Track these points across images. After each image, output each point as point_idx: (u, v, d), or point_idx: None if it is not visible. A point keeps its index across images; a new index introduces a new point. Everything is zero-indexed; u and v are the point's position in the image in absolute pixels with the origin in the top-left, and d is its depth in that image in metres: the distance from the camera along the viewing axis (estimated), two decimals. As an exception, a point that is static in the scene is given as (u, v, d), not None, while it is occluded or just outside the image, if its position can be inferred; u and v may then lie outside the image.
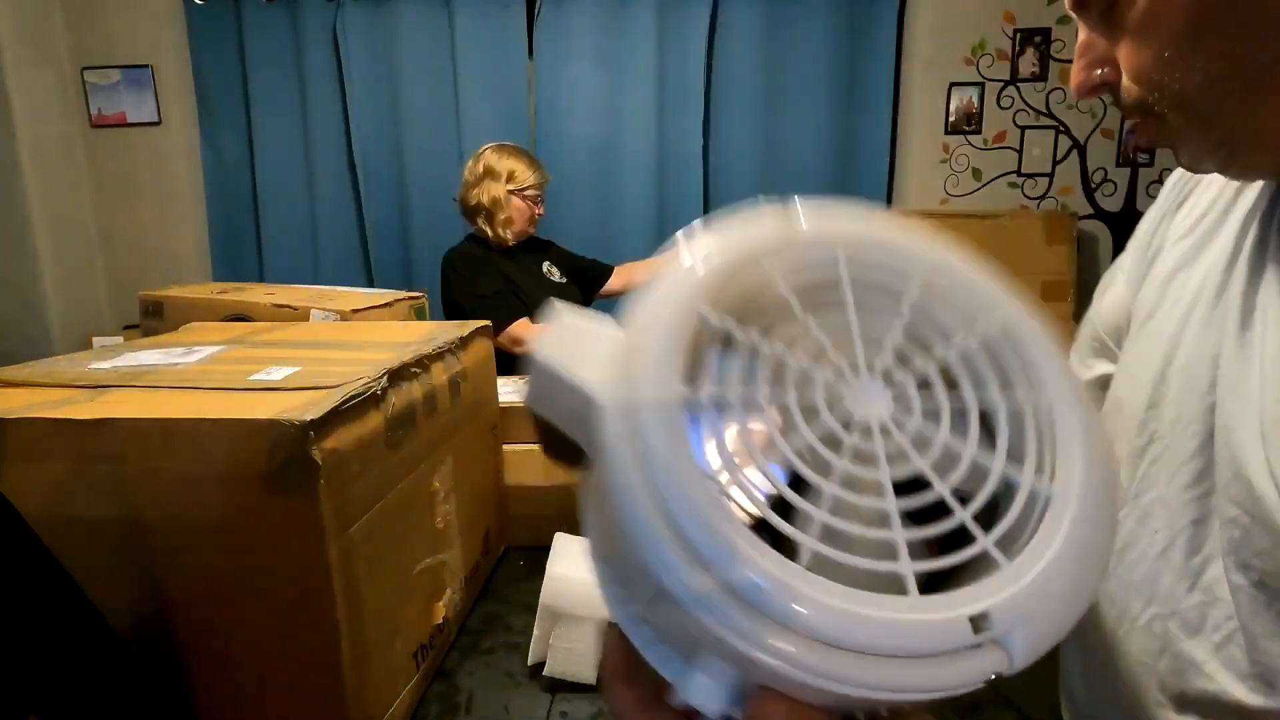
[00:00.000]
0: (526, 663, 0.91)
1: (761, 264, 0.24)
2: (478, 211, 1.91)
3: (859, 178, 2.66)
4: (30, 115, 2.39)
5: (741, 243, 0.25)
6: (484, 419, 1.08)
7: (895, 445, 0.22)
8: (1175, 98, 0.38)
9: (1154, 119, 0.40)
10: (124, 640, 0.61)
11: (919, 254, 0.26)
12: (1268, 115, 0.37)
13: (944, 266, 0.26)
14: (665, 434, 0.20)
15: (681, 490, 0.20)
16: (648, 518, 0.20)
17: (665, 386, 0.21)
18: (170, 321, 1.24)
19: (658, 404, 0.21)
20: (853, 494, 0.21)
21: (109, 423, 0.62)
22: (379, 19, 2.54)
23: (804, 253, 0.25)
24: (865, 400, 0.23)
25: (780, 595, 0.19)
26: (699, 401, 0.21)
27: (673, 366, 0.22)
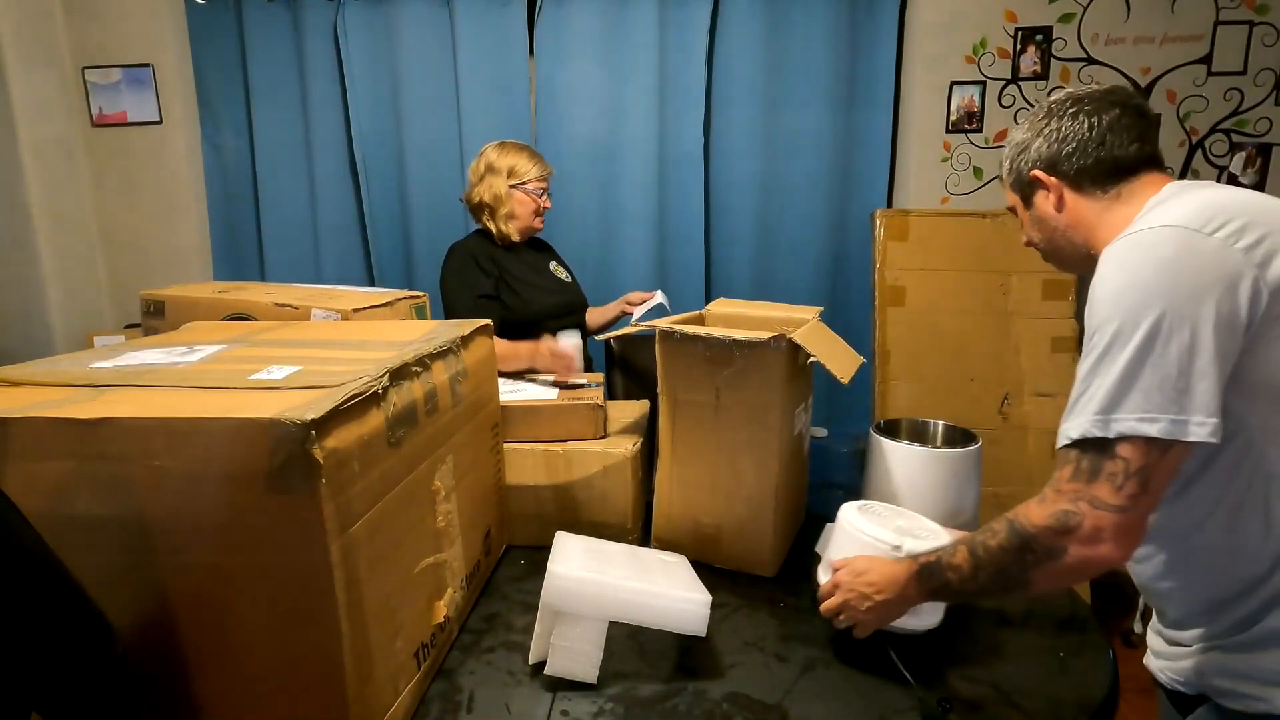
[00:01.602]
0: (527, 662, 0.91)
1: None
2: (482, 209, 1.91)
3: (859, 177, 2.66)
4: (31, 115, 2.39)
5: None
6: (485, 418, 1.08)
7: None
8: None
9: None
10: (125, 639, 0.61)
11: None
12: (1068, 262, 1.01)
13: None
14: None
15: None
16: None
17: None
18: (171, 321, 1.24)
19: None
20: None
21: (110, 422, 0.62)
22: (380, 17, 2.54)
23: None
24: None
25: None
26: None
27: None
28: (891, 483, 1.18)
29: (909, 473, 1.17)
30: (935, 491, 1.16)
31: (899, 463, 1.18)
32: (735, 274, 2.70)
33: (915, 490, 1.16)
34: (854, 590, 0.89)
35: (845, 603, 0.90)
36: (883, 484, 1.19)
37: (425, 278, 2.62)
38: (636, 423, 1.30)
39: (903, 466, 1.18)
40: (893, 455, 1.19)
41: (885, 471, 1.19)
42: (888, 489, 1.18)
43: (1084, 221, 0.89)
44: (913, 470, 1.17)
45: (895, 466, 1.18)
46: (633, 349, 2.15)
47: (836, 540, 1.00)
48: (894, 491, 1.17)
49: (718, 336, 1.08)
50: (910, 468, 1.17)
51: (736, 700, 0.84)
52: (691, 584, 0.94)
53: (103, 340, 2.45)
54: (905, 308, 2.48)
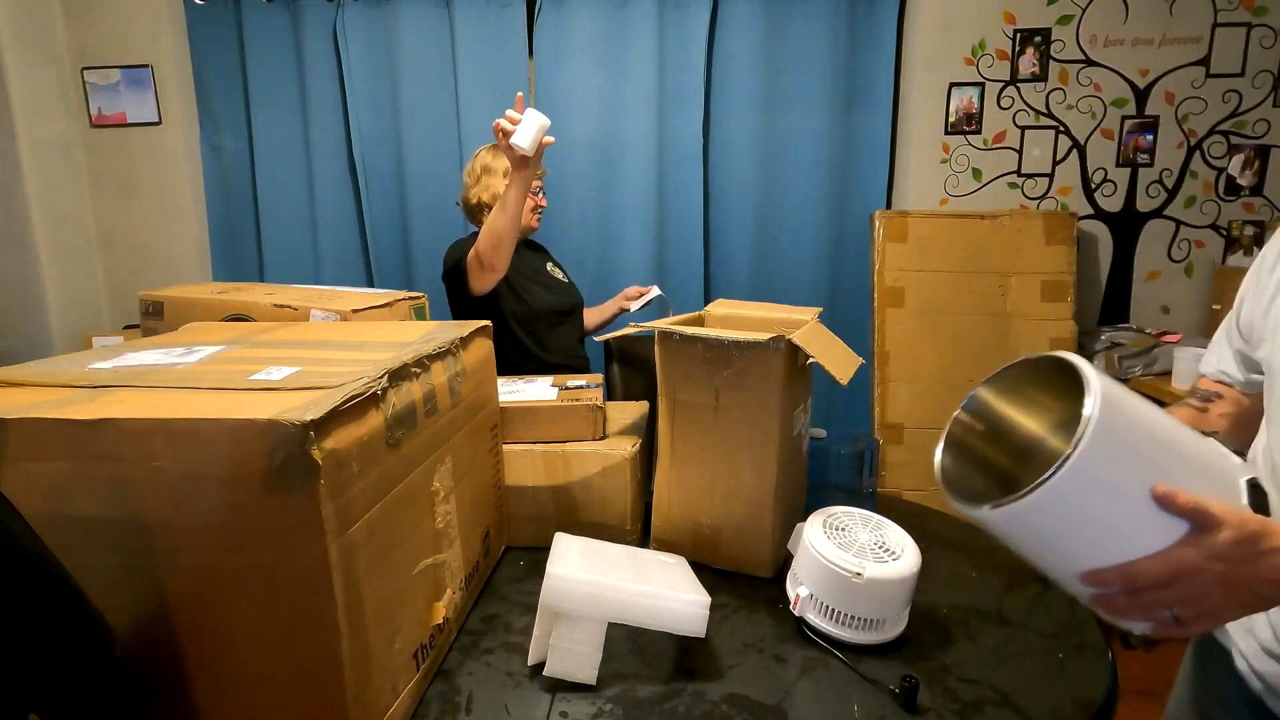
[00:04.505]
0: (526, 663, 0.91)
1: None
2: (480, 210, 1.91)
3: (859, 178, 2.67)
4: (30, 115, 2.39)
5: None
6: (484, 419, 1.08)
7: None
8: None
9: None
10: (124, 640, 0.61)
11: None
12: None
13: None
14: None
15: None
16: None
17: None
18: (170, 321, 1.24)
19: None
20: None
21: (109, 423, 0.62)
22: (379, 19, 2.54)
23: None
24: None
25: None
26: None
27: None
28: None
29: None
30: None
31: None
32: (735, 275, 2.70)
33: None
34: (1225, 576, 0.57)
35: (1195, 591, 0.57)
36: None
37: (424, 278, 2.62)
38: (635, 424, 1.30)
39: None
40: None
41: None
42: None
43: None
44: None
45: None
46: (631, 342, 2.15)
47: (801, 560, 0.98)
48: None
49: (717, 337, 1.08)
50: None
51: (736, 701, 0.84)
52: (691, 585, 0.94)
53: (101, 341, 2.45)
54: (904, 309, 2.48)
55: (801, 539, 0.98)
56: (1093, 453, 0.56)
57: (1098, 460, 0.56)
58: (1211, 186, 2.60)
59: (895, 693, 0.83)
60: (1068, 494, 0.57)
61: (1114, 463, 0.57)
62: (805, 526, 0.99)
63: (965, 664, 0.91)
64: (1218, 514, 0.57)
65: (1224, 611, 0.59)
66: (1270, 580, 0.58)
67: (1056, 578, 0.63)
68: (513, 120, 1.56)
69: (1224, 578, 0.57)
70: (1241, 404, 0.88)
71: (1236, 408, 0.89)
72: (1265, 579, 0.58)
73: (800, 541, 0.98)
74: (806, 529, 0.98)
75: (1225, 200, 2.60)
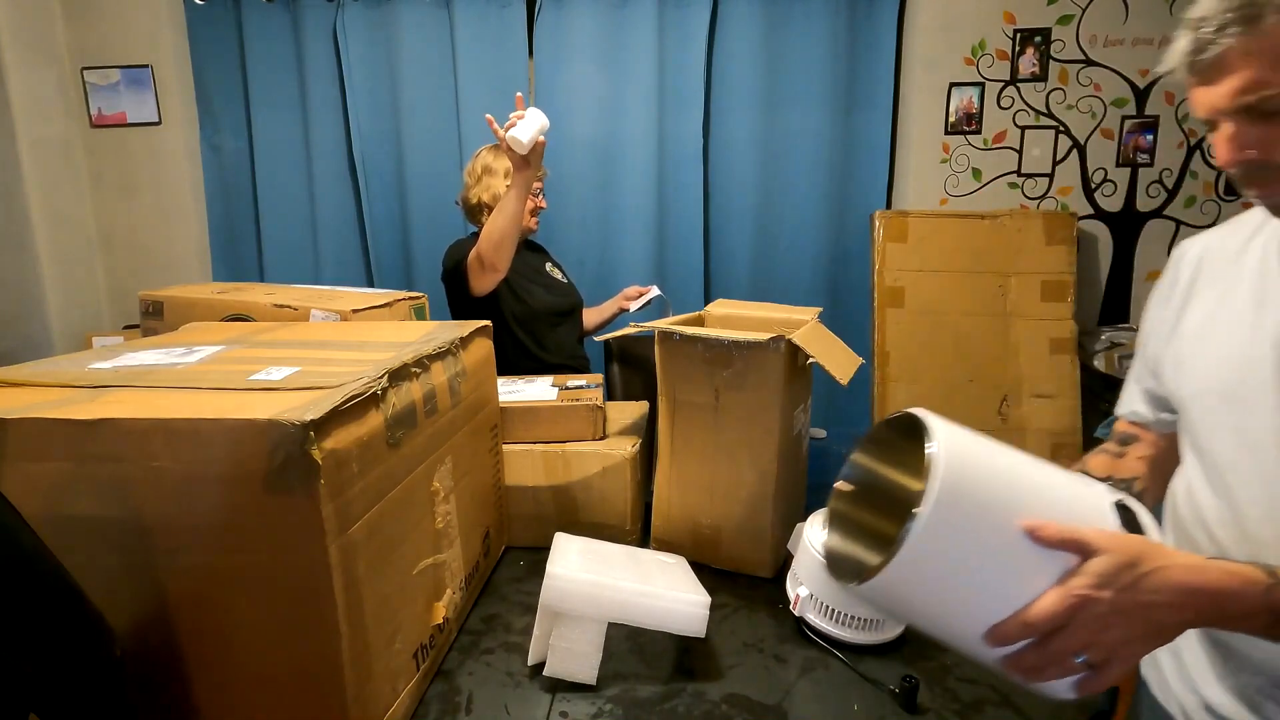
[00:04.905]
0: (526, 663, 0.91)
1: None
2: (480, 210, 1.91)
3: (859, 178, 2.66)
4: (29, 115, 2.39)
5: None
6: (484, 419, 1.08)
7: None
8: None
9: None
10: (124, 639, 0.61)
11: None
12: None
13: None
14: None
15: None
16: None
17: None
18: (170, 322, 1.24)
19: None
20: None
21: (109, 423, 0.62)
22: (379, 19, 2.54)
23: None
24: None
25: None
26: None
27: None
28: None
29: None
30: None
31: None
32: (735, 275, 2.70)
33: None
34: (1116, 604, 0.55)
35: (1095, 626, 0.55)
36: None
37: (424, 278, 2.62)
38: (635, 424, 1.30)
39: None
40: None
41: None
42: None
43: None
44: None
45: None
46: (631, 342, 2.15)
47: (801, 560, 0.96)
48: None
49: (717, 337, 1.08)
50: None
51: (736, 701, 0.84)
52: (690, 585, 0.94)
53: (101, 341, 2.44)
54: (904, 309, 2.48)
55: (801, 539, 0.98)
56: (943, 509, 0.54)
57: (951, 514, 0.55)
58: (1212, 186, 2.60)
59: (895, 693, 0.83)
60: (928, 554, 0.55)
61: (969, 514, 0.56)
62: (805, 526, 0.99)
63: (965, 664, 0.91)
64: (1092, 539, 0.56)
65: (1129, 647, 0.56)
66: (1161, 603, 0.56)
67: (968, 648, 0.59)
68: (514, 119, 1.56)
69: (1117, 606, 0.55)
70: (1158, 445, 0.87)
71: (1154, 450, 0.87)
72: (1155, 602, 0.56)
73: (800, 541, 0.98)
74: (806, 529, 0.98)
75: (1225, 200, 2.59)
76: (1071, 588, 0.55)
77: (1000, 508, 0.57)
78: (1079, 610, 0.54)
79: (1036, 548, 0.56)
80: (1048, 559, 0.56)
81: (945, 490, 0.55)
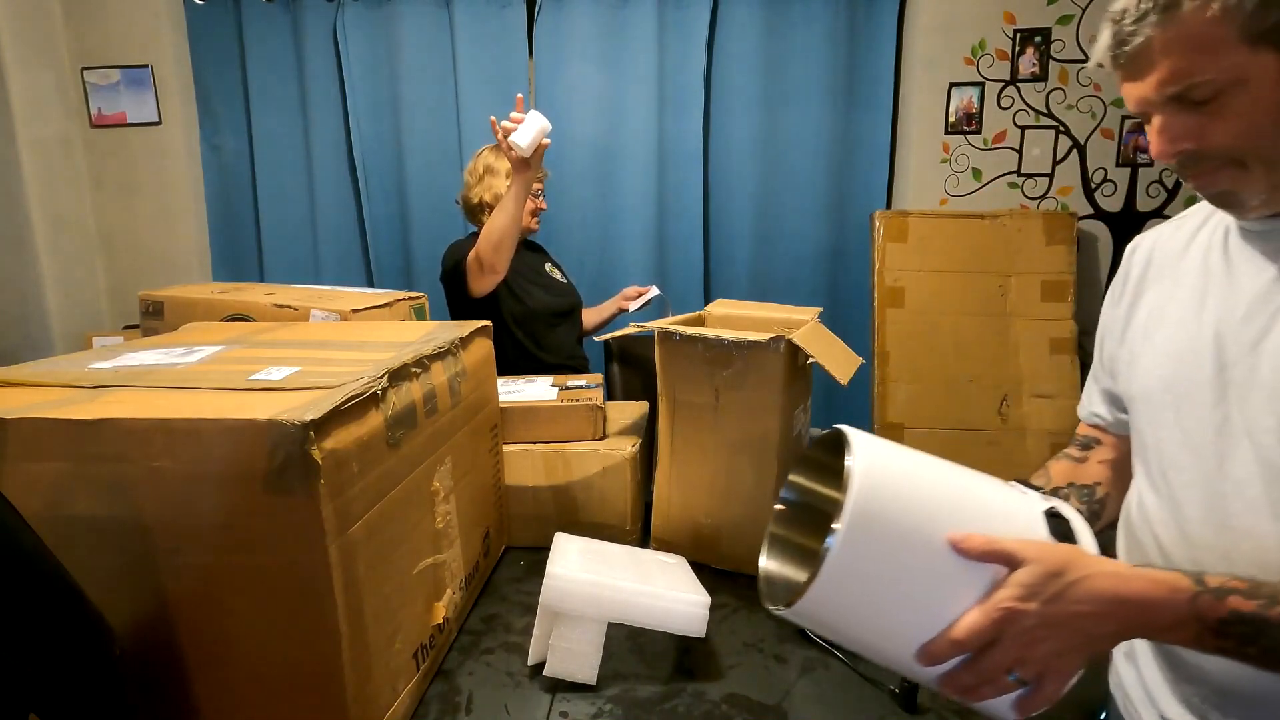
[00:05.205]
0: (526, 663, 0.91)
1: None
2: (481, 209, 1.91)
3: (859, 178, 2.66)
4: (30, 115, 2.39)
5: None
6: (484, 419, 1.08)
7: None
8: (1264, 152, 0.60)
9: (1233, 168, 0.62)
10: (124, 639, 0.61)
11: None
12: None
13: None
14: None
15: None
16: None
17: None
18: (170, 322, 1.24)
19: None
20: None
21: (109, 423, 0.62)
22: (379, 19, 2.54)
23: None
24: None
25: None
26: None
27: None
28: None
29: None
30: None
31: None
32: (735, 274, 2.70)
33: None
34: (1043, 616, 0.53)
35: (1024, 640, 0.53)
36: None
37: (424, 278, 2.62)
38: (635, 424, 1.30)
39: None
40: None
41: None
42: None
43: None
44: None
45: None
46: (631, 342, 2.15)
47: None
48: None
49: (717, 337, 1.08)
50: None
51: (736, 701, 0.84)
52: (691, 585, 0.94)
53: (101, 341, 2.44)
54: (904, 309, 2.48)
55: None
56: (862, 523, 0.53)
57: (871, 528, 0.54)
58: (1211, 186, 2.59)
59: (895, 693, 0.83)
60: (851, 571, 0.54)
61: (890, 527, 0.54)
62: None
63: (965, 664, 0.91)
64: (1015, 550, 0.54)
65: (1062, 660, 0.54)
66: (1089, 613, 0.54)
67: (906, 668, 0.57)
68: (514, 121, 1.56)
69: (1045, 618, 0.53)
70: (1120, 449, 0.84)
71: (1116, 453, 0.85)
72: (1082, 612, 0.54)
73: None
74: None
75: (1225, 200, 2.59)
76: (997, 601, 0.53)
77: (924, 521, 0.55)
78: (1006, 624, 0.53)
79: (963, 561, 0.54)
80: (974, 573, 0.55)
81: (863, 504, 0.53)
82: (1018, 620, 0.53)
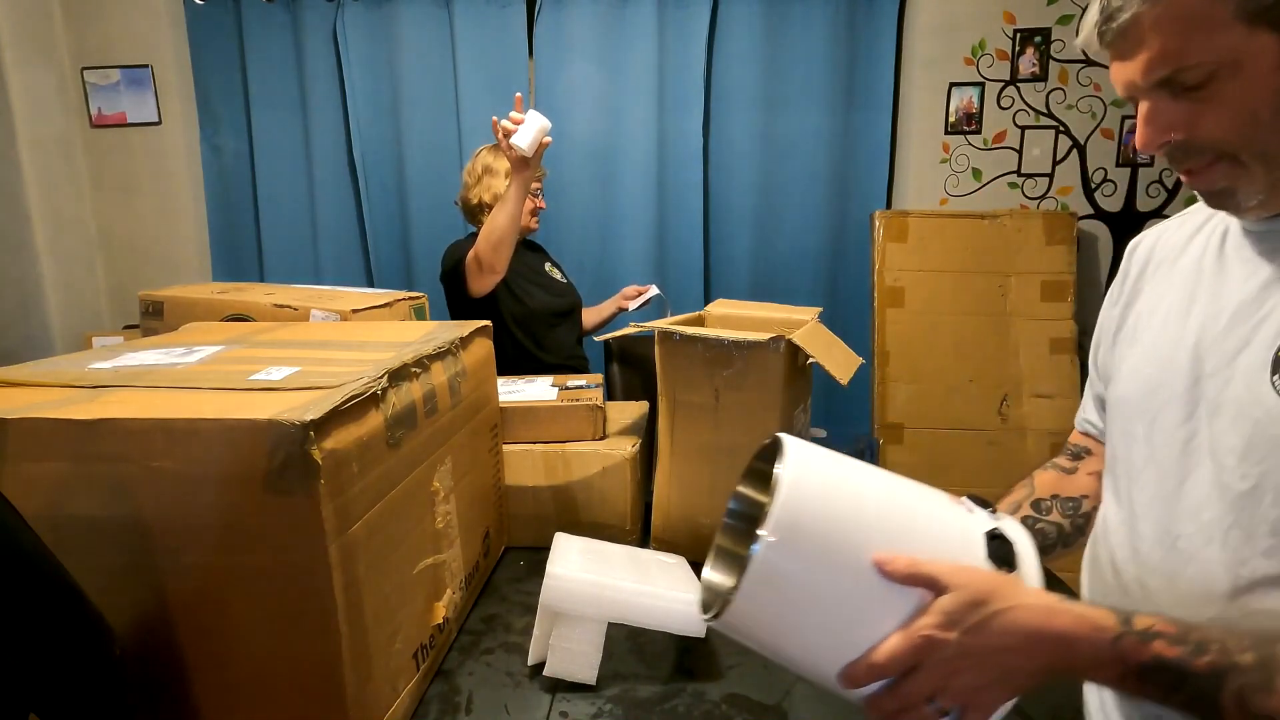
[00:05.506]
0: (526, 663, 0.91)
1: None
2: (480, 210, 1.91)
3: (859, 178, 2.66)
4: (30, 115, 2.39)
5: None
6: (484, 419, 1.08)
7: None
8: (1260, 146, 0.55)
9: (1227, 163, 0.57)
10: (124, 639, 0.61)
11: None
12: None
13: None
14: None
15: None
16: None
17: None
18: (170, 322, 1.24)
19: None
20: None
21: (109, 423, 0.62)
22: (379, 19, 2.54)
23: None
24: None
25: None
26: None
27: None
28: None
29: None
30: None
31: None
32: (735, 274, 2.70)
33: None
34: (962, 647, 0.51)
35: (943, 670, 0.51)
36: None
37: (424, 278, 2.62)
38: (635, 424, 1.30)
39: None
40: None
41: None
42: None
43: None
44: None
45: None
46: (631, 342, 2.15)
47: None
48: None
49: (717, 337, 1.08)
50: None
51: (735, 701, 0.84)
52: (691, 585, 0.94)
53: (101, 341, 2.44)
54: (904, 309, 2.48)
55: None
56: (788, 532, 0.51)
57: (798, 539, 0.51)
58: (1211, 186, 2.60)
59: None
60: (776, 582, 0.52)
61: (818, 539, 0.52)
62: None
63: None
64: (939, 574, 0.51)
65: (982, 694, 0.52)
66: (1009, 647, 0.51)
67: (833, 689, 0.55)
68: (515, 121, 1.56)
69: (964, 649, 0.50)
70: None
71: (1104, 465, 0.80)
72: (1003, 646, 0.51)
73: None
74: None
75: (1225, 200, 2.59)
76: (917, 628, 0.51)
77: (853, 536, 0.53)
78: (924, 652, 0.51)
79: (889, 582, 0.52)
80: (900, 595, 0.52)
81: (790, 513, 0.51)
82: (937, 649, 0.51)
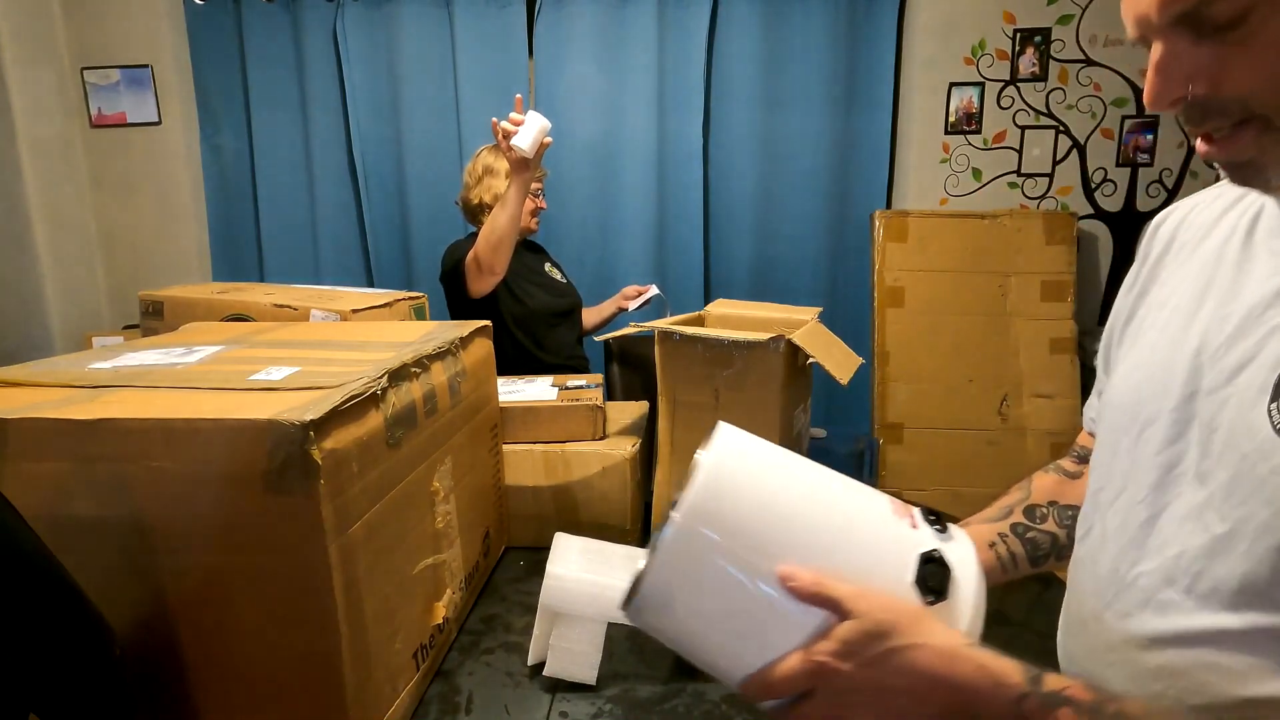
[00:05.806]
0: (526, 663, 0.91)
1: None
2: (480, 210, 1.91)
3: (859, 177, 2.66)
4: (29, 115, 2.39)
5: None
6: (484, 419, 1.08)
7: None
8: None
9: (1257, 128, 0.43)
10: (124, 639, 0.61)
11: None
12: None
13: None
14: None
15: None
16: None
17: None
18: (169, 322, 1.24)
19: None
20: None
21: (109, 423, 0.62)
22: (379, 18, 2.54)
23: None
24: None
25: None
26: None
27: None
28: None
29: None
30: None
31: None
32: (735, 274, 2.70)
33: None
34: (855, 680, 0.48)
35: (835, 700, 0.49)
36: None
37: (424, 278, 2.62)
38: (635, 424, 1.30)
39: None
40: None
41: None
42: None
43: None
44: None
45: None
46: (631, 342, 2.15)
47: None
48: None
49: (717, 337, 1.08)
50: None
51: (735, 701, 0.84)
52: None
53: (101, 341, 2.44)
54: (904, 308, 2.48)
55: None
56: (699, 520, 0.48)
57: (710, 529, 0.48)
58: (1212, 186, 2.60)
59: None
60: (685, 572, 0.49)
61: (730, 535, 0.48)
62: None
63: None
64: (843, 598, 0.47)
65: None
66: (903, 688, 0.46)
67: (741, 695, 0.52)
68: (514, 122, 1.56)
69: (856, 682, 0.47)
70: None
71: None
72: (897, 686, 0.46)
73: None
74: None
75: (1225, 200, 2.60)
76: (814, 652, 0.47)
77: (771, 538, 0.49)
78: (818, 678, 0.47)
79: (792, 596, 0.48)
80: (807, 611, 0.48)
81: (703, 501, 0.48)
82: (830, 678, 0.47)
